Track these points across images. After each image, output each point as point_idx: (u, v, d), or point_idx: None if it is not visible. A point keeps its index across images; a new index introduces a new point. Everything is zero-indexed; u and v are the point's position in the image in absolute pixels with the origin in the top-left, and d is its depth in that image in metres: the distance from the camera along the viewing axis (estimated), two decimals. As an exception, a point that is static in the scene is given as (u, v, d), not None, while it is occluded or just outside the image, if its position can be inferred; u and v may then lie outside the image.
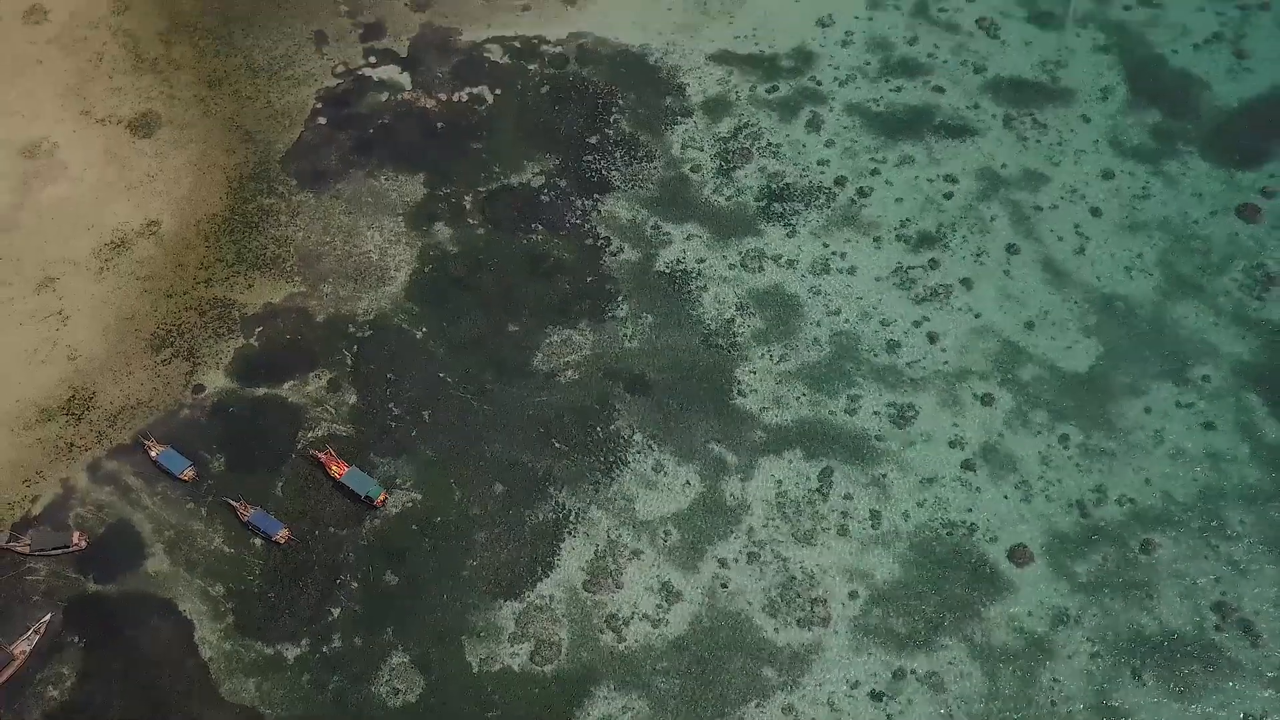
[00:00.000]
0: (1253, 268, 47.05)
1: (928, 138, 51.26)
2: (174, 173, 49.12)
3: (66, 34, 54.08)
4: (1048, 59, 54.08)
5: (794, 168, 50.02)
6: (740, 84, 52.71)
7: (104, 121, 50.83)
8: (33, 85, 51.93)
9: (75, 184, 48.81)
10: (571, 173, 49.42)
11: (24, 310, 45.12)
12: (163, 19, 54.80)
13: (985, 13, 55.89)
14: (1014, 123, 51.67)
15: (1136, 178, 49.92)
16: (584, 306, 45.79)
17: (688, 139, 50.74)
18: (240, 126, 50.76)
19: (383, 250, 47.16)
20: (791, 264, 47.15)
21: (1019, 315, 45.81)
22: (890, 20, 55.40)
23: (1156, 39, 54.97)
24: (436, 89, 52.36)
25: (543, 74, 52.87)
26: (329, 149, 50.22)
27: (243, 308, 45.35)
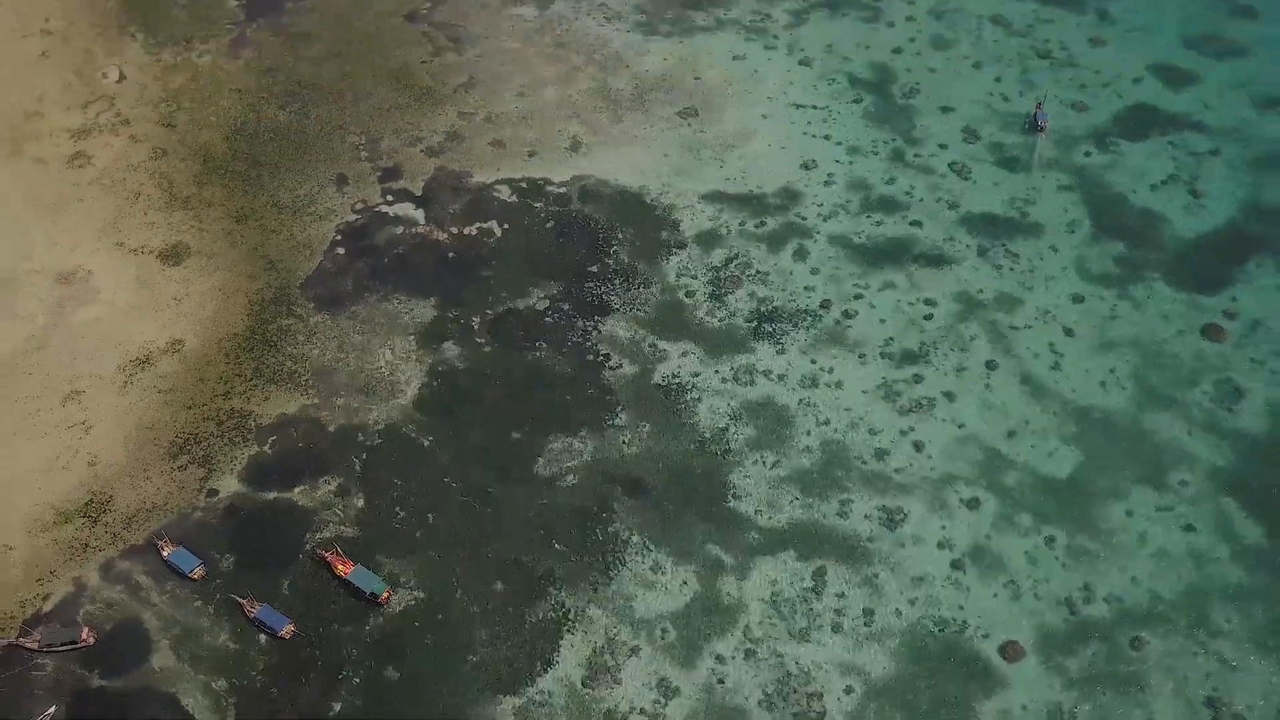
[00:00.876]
0: (1222, 382, 50.11)
1: (908, 266, 55.34)
2: (200, 296, 52.92)
3: (107, 176, 59.20)
4: (1016, 197, 58.94)
5: (782, 293, 53.89)
6: (730, 220, 57.31)
7: (137, 252, 55.11)
8: (74, 220, 56.59)
9: (106, 307, 52.54)
10: (574, 297, 53.23)
11: (49, 421, 47.85)
12: (197, 163, 59.99)
13: (957, 158, 61.23)
14: (988, 253, 55.85)
15: (1105, 301, 53.68)
16: (584, 416, 48.54)
17: (682, 268, 54.80)
18: (264, 256, 54.97)
19: (394, 366, 50.31)
20: (782, 378, 50.22)
21: (1000, 425, 48.47)
22: (869, 165, 60.63)
23: (1116, 181, 60.10)
24: (449, 224, 56.91)
25: (548, 211, 57.59)
26: (346, 276, 54.20)
27: (258, 418, 48.08)
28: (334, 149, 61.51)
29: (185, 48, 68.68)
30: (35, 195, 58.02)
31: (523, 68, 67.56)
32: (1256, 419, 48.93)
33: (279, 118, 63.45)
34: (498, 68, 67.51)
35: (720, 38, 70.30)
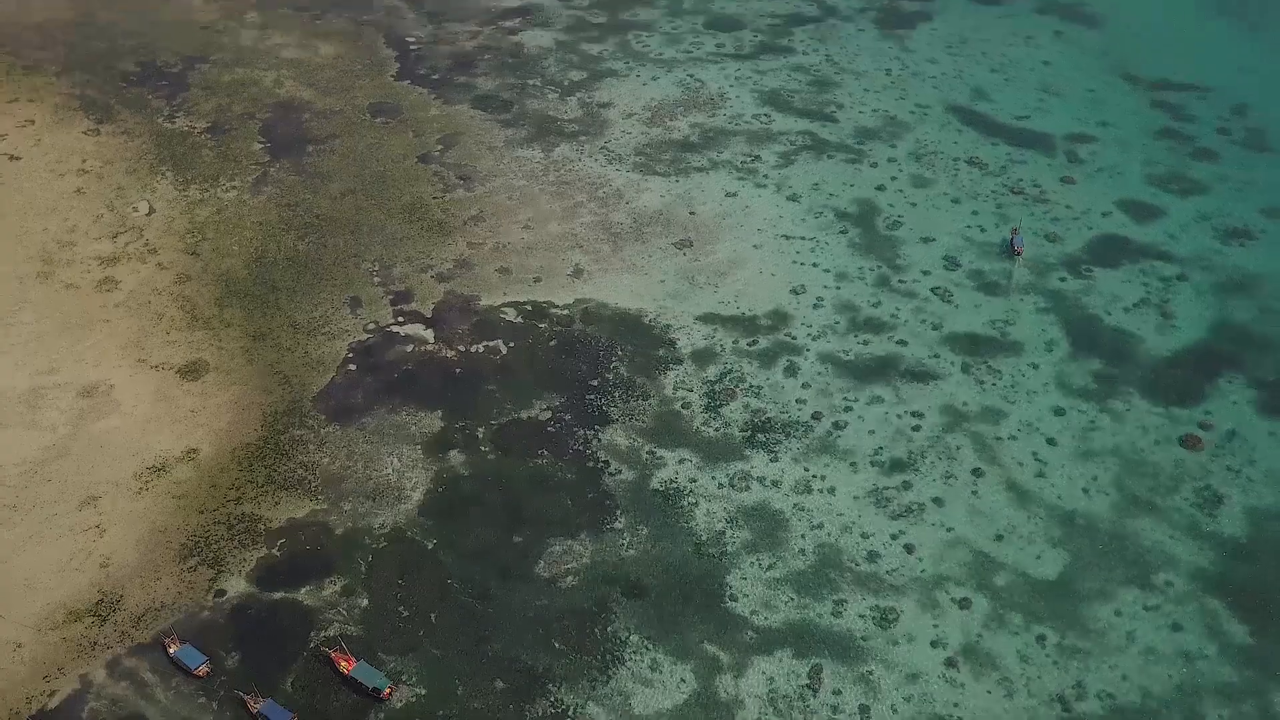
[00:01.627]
0: (1201, 489, 52.28)
1: (894, 381, 58.32)
2: (216, 409, 55.60)
3: (133, 299, 62.90)
4: (997, 318, 62.53)
5: (774, 405, 56.64)
6: (724, 339, 60.65)
7: (158, 368, 58.17)
8: (99, 339, 59.87)
9: (126, 418, 55.14)
10: (575, 409, 55.93)
11: (65, 524, 49.75)
12: (218, 288, 63.82)
13: (939, 284, 65.17)
14: (971, 369, 58.92)
15: (1085, 414, 56.41)
16: (584, 520, 50.47)
17: (679, 382, 57.73)
18: (279, 372, 57.98)
19: (400, 473, 52.53)
20: (776, 484, 52.36)
21: (988, 529, 50.37)
22: (855, 289, 64.50)
23: (1090, 304, 63.83)
24: (456, 342, 60.20)
25: (551, 330, 61.01)
26: (357, 390, 57.09)
27: (268, 522, 49.99)
28: (349, 275, 65.41)
29: (212, 185, 73.79)
30: (64, 316, 61.46)
31: (529, 203, 72.43)
32: (1236, 523, 50.82)
33: (298, 247, 67.66)
34: (505, 203, 72.40)
35: (714, 177, 75.63)
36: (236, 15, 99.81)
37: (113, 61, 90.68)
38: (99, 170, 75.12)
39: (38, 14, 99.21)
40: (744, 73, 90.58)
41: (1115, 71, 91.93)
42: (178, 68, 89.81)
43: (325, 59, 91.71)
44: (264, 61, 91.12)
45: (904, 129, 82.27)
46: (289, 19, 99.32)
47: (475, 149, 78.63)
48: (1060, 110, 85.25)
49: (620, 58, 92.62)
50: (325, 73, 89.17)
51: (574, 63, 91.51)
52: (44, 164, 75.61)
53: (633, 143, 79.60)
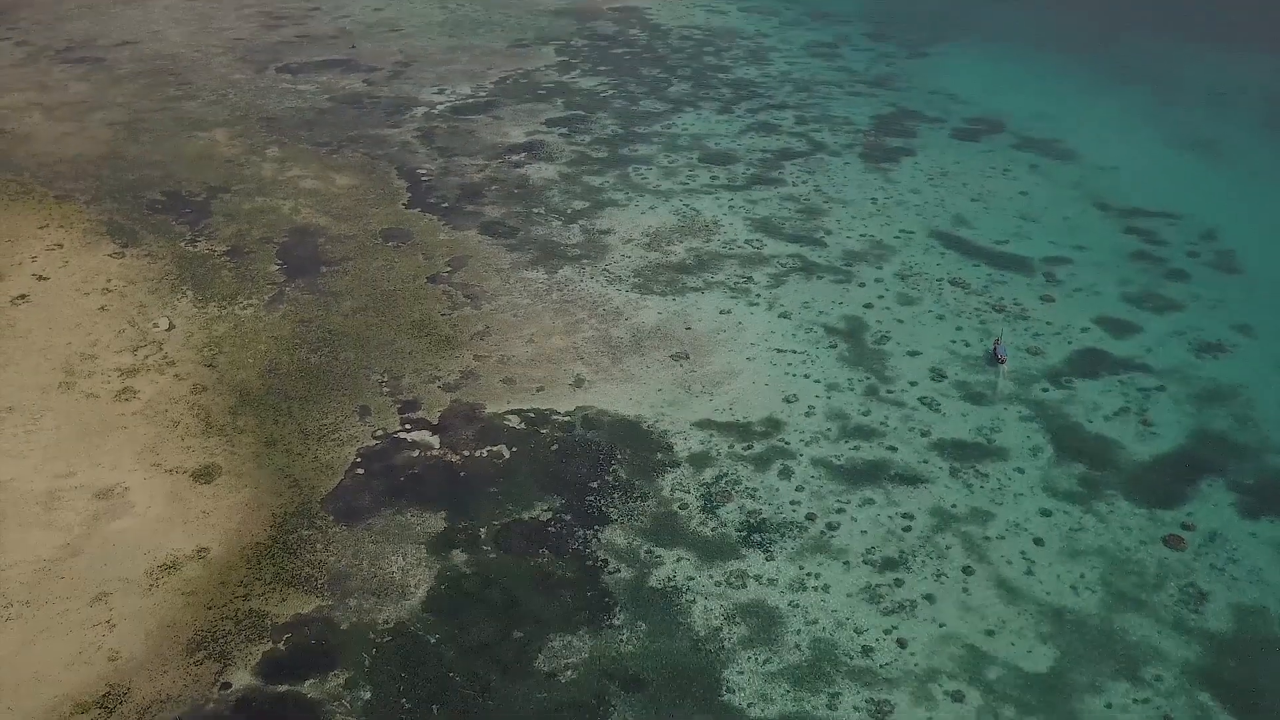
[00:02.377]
0: (1186, 586, 53.78)
1: (885, 485, 60.41)
2: (227, 510, 57.50)
3: (150, 408, 65.45)
4: (983, 426, 65.04)
5: (769, 506, 58.59)
6: (720, 444, 63.00)
7: (172, 472, 60.25)
8: (116, 445, 62.15)
9: (139, 519, 56.95)
10: (575, 509, 57.87)
11: (75, 620, 50.94)
12: (232, 397, 66.53)
13: (926, 394, 68.00)
14: (959, 473, 61.11)
15: (1071, 515, 58.32)
16: (583, 617, 51.74)
17: (676, 484, 59.83)
18: (290, 475, 60.07)
19: (404, 571, 54.07)
20: (771, 582, 53.84)
21: (979, 624, 51.62)
22: (846, 399, 67.28)
23: (1072, 412, 66.49)
24: (461, 448, 62.49)
25: (553, 436, 63.39)
26: (364, 493, 59.09)
27: (274, 617, 51.26)
28: (358, 386, 68.22)
29: (230, 303, 77.47)
30: (84, 424, 63.87)
31: (533, 320, 75.97)
32: (1222, 619, 52.06)
33: (310, 360, 70.72)
34: (510, 319, 75.95)
35: (708, 296, 79.50)
36: (258, 150, 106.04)
37: (140, 191, 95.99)
38: (122, 290, 78.89)
39: (72, 149, 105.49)
40: (736, 202, 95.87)
41: (1089, 201, 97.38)
42: (201, 197, 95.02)
43: (340, 189, 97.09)
44: (283, 191, 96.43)
45: (889, 252, 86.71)
46: (307, 153, 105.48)
47: (482, 270, 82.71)
48: (1038, 235, 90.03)
49: (620, 189, 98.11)
50: (340, 201, 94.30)
51: (576, 193, 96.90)
52: (70, 284, 79.44)
53: (631, 265, 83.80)
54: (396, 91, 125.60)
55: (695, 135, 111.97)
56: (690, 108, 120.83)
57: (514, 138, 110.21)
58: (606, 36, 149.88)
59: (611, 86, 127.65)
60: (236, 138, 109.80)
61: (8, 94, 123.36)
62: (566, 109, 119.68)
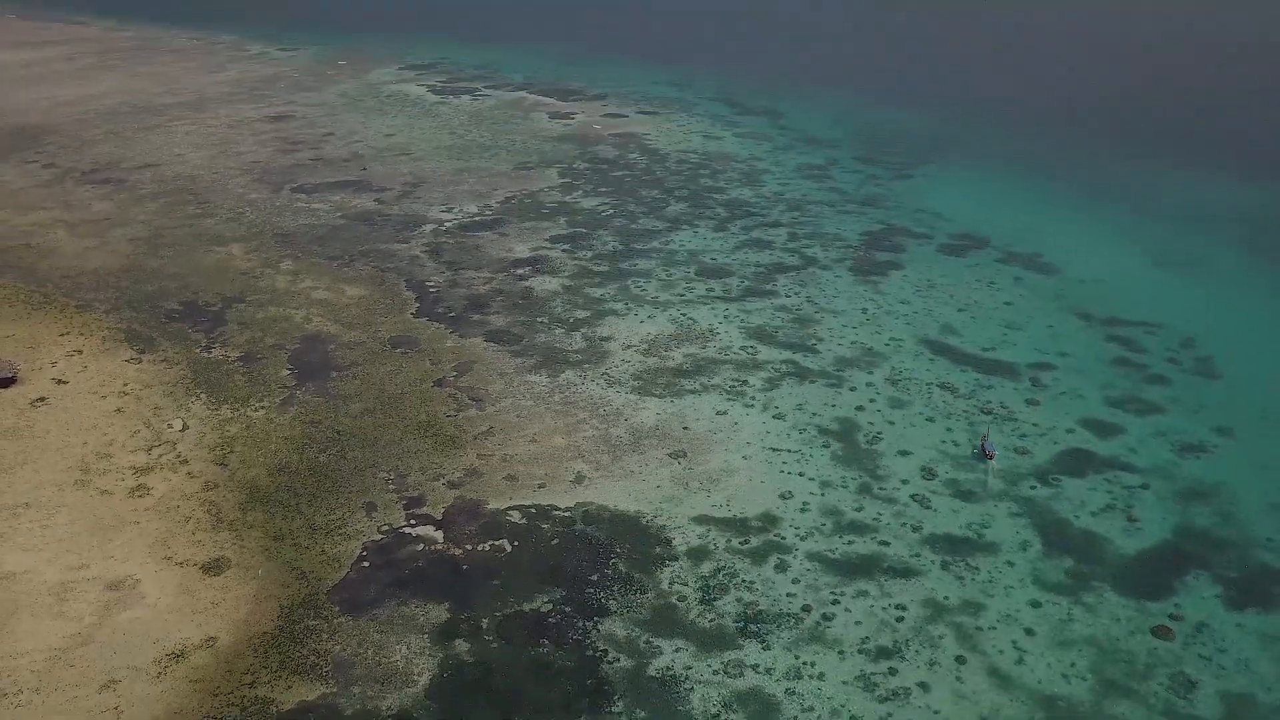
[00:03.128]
0: (1175, 674, 54.99)
1: (878, 577, 61.97)
2: (235, 601, 58.91)
3: (162, 504, 67.41)
4: (973, 522, 66.93)
5: (765, 598, 60.04)
6: (717, 538, 64.79)
7: (183, 564, 61.89)
8: (129, 539, 63.91)
9: (149, 609, 58.32)
10: (575, 601, 59.33)
11: (84, 707, 51.98)
12: (243, 493, 68.53)
13: (917, 491, 70.05)
14: (950, 566, 62.72)
15: (1060, 607, 59.75)
16: (583, 704, 52.77)
17: (674, 577, 61.39)
18: (297, 568, 61.67)
19: (408, 660, 55.23)
20: (768, 671, 55.00)
21: (974, 711, 52.67)
22: (839, 496, 69.34)
23: (1060, 509, 68.49)
24: (464, 542, 64.26)
25: (554, 530, 65.20)
26: (369, 585, 60.63)
27: (279, 704, 52.29)
28: (365, 483, 70.28)
29: (242, 405, 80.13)
30: (98, 519, 65.73)
31: (535, 421, 78.50)
32: (1211, 706, 53.08)
33: (319, 459, 72.93)
34: (513, 420, 78.48)
35: (705, 398, 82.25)
36: (273, 263, 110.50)
37: (158, 301, 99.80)
38: (138, 393, 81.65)
39: (93, 263, 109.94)
40: (732, 312, 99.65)
41: (1071, 311, 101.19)
42: (217, 306, 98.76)
43: (351, 299, 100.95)
44: (295, 302, 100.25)
45: (880, 358, 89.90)
46: (320, 266, 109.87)
47: (487, 375, 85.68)
48: (1023, 343, 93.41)
49: (620, 300, 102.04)
50: (351, 311, 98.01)
51: (578, 304, 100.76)
52: (88, 387, 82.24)
53: (631, 370, 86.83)
54: (406, 210, 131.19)
55: (692, 251, 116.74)
56: (687, 225, 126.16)
57: (519, 253, 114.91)
58: (607, 160, 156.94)
59: (612, 206, 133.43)
60: (252, 252, 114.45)
61: (34, 212, 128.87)
62: (569, 226, 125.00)
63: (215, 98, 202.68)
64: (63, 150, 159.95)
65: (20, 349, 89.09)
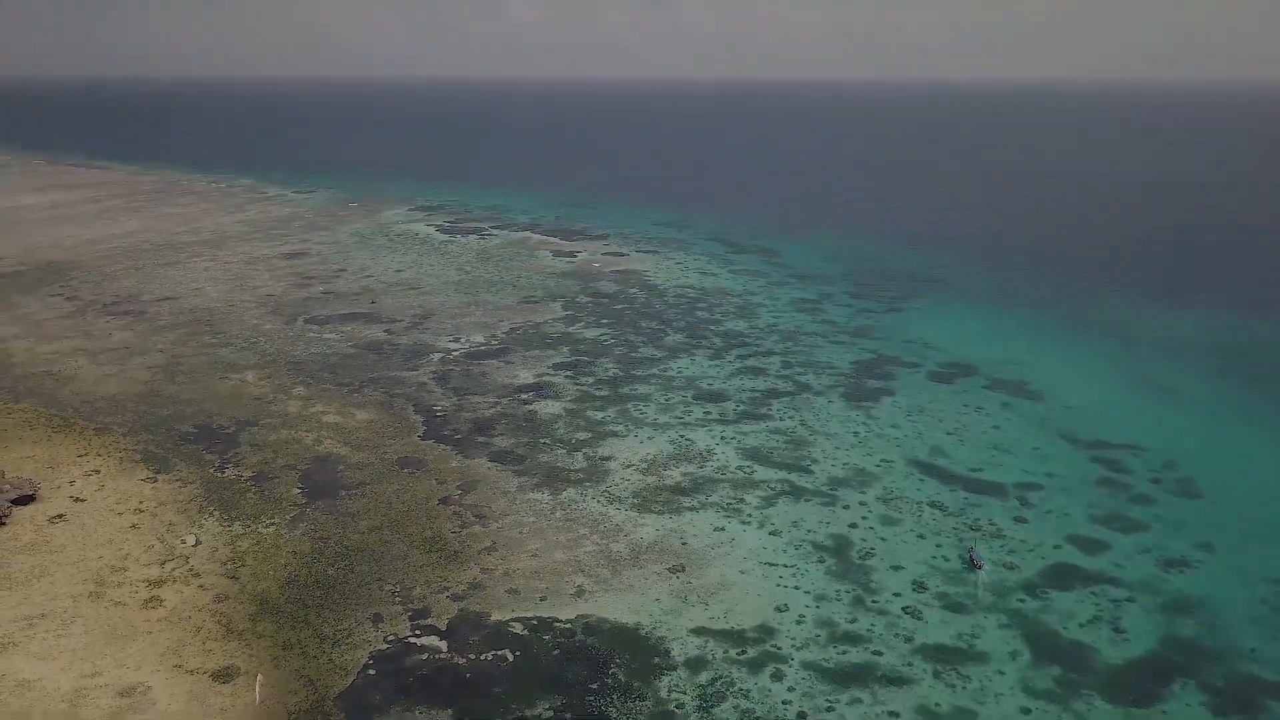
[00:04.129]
0: (1164, 780, 55.90)
1: (872, 685, 63.56)
2: (243, 707, 60.49)
3: (174, 615, 69.40)
4: (964, 632, 68.78)
5: (762, 705, 61.64)
6: (715, 649, 66.61)
7: (193, 672, 63.59)
8: (141, 648, 65.74)
9: (159, 714, 60.01)
10: (576, 708, 60.95)
11: (92, 809, 52.88)
12: (253, 605, 70.57)
13: (909, 604, 71.99)
14: (942, 675, 64.40)
15: (1050, 713, 61.68)
16: (584, 807, 53.64)
17: (673, 686, 63.04)
18: (304, 675, 63.37)
19: (412, 765, 56.34)
20: (764, 775, 56.03)
21: (966, 815, 53.47)
22: (834, 608, 71.36)
23: (1048, 620, 70.36)
24: (467, 651, 66.04)
25: (555, 641, 67.07)
26: (375, 692, 62.35)
27: (285, 807, 53.21)
28: (372, 595, 72.34)
29: (254, 521, 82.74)
30: (111, 629, 67.62)
31: (537, 536, 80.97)
32: (1201, 809, 53.96)
33: (328, 572, 75.17)
34: (516, 536, 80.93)
35: (703, 515, 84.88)
36: (285, 389, 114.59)
37: (174, 425, 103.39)
38: (153, 510, 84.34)
39: (112, 389, 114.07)
40: (728, 434, 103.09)
41: (1057, 434, 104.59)
42: (231, 429, 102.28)
43: (360, 423, 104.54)
44: (306, 425, 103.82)
45: (872, 479, 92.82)
46: (330, 392, 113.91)
47: (490, 494, 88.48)
48: (1010, 464, 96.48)
49: (620, 422, 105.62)
50: (359, 434, 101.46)
51: (580, 426, 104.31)
52: (105, 505, 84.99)
53: (631, 488, 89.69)
54: (415, 340, 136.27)
55: (689, 377, 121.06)
56: (685, 354, 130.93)
57: (523, 379, 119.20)
58: (608, 294, 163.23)
59: (613, 336, 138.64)
60: (265, 379, 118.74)
61: (56, 341, 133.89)
62: (572, 355, 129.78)
63: (233, 236, 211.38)
64: (86, 284, 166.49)
65: (40, 469, 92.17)
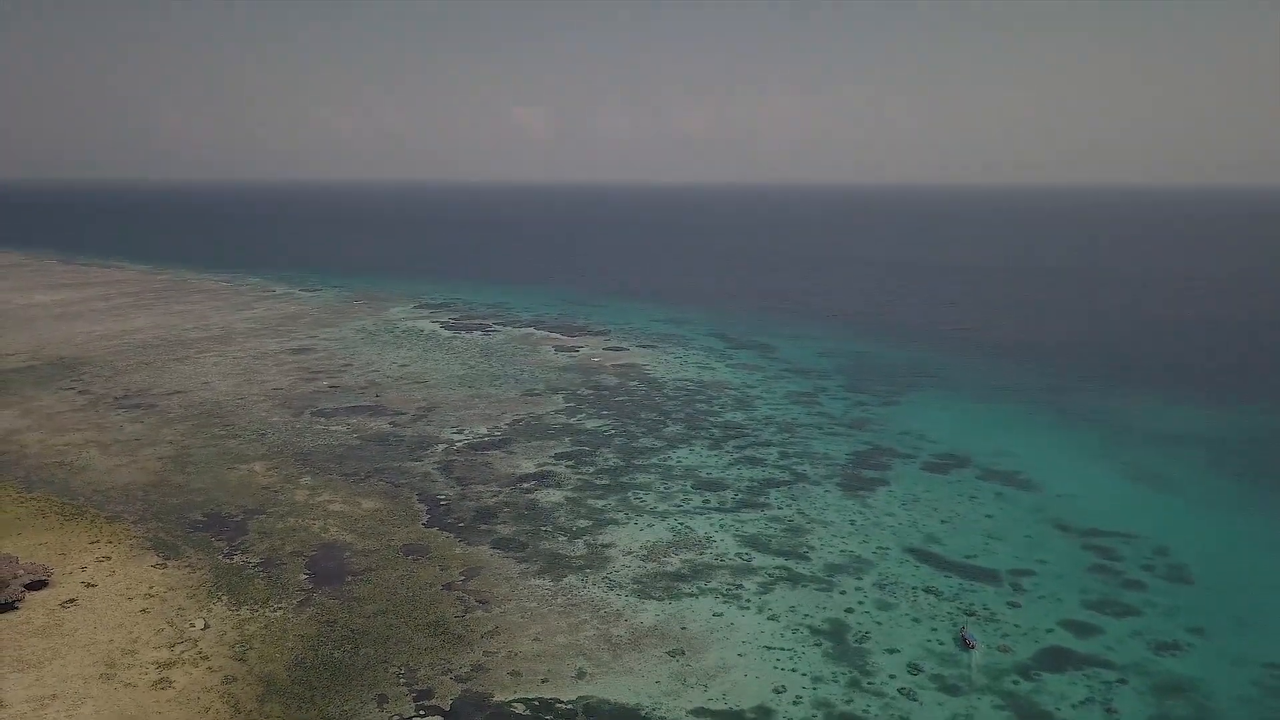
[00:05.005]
0: None
1: (869, 765, 64.60)
2: (250, 786, 61.49)
3: (184, 696, 70.82)
4: (958, 714, 70.17)
5: (760, 784, 62.51)
6: (714, 729, 67.77)
7: (200, 751, 64.64)
8: (150, 727, 66.89)
9: (167, 793, 60.81)
10: (577, 786, 61.81)
11: None
12: (261, 687, 72.04)
13: (905, 685, 73.37)
14: (937, 754, 65.44)
15: (1045, 792, 62.21)
16: None
17: (673, 764, 64.06)
18: (310, 755, 64.44)
19: (415, 842, 57.35)
20: None
21: None
22: (831, 689, 72.81)
23: (1042, 701, 71.87)
24: (471, 731, 67.17)
25: (557, 721, 68.26)
26: (379, 771, 63.22)
27: None
28: (377, 677, 73.78)
29: (262, 606, 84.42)
30: (120, 710, 69.00)
31: (539, 620, 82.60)
32: None
33: (334, 655, 76.68)
34: (518, 620, 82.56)
35: (702, 601, 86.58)
36: (293, 479, 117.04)
37: (184, 513, 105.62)
38: (163, 595, 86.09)
39: (123, 478, 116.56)
40: (727, 522, 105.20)
41: (1049, 523, 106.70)
42: (239, 518, 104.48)
43: (366, 512, 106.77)
44: (313, 513, 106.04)
45: (868, 565, 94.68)
46: (337, 482, 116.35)
47: (493, 579, 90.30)
48: (1003, 551, 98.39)
49: (621, 510, 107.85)
50: (365, 522, 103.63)
51: (581, 514, 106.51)
52: (115, 590, 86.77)
53: (631, 574, 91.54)
54: (419, 431, 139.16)
55: (688, 467, 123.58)
56: (684, 444, 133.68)
57: (525, 469, 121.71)
58: (609, 387, 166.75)
59: (613, 427, 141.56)
60: (273, 469, 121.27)
61: (69, 433, 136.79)
62: (573, 445, 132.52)
63: (241, 332, 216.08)
64: (97, 379, 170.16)
65: (53, 555, 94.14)
